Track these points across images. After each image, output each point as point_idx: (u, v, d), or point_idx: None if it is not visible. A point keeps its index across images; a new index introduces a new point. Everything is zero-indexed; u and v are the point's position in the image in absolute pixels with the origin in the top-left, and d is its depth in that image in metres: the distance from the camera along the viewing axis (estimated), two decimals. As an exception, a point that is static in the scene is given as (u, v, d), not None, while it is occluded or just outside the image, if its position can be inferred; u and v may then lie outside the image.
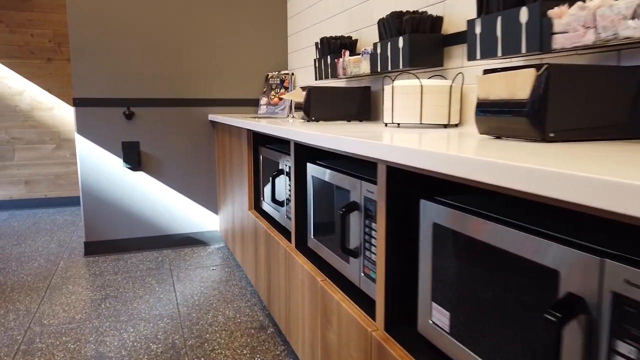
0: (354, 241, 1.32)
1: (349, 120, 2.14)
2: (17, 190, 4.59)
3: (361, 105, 2.12)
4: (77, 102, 3.09)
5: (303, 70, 3.20)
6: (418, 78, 1.52)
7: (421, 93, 1.49)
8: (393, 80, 1.56)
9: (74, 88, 3.08)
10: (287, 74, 2.76)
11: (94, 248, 3.22)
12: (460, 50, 1.63)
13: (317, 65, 2.44)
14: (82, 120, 3.11)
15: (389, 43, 1.73)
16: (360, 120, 2.15)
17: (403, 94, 1.51)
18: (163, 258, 3.19)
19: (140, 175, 3.28)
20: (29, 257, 3.19)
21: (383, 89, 1.65)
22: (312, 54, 3.03)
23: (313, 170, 1.59)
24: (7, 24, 4.41)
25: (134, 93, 3.20)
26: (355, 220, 1.30)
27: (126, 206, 3.26)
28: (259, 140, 2.40)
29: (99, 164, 3.18)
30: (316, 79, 2.48)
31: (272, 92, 3.40)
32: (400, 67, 1.67)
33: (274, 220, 2.22)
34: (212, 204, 3.46)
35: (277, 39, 3.49)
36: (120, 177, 3.23)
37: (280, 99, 3.34)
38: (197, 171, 3.40)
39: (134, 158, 3.23)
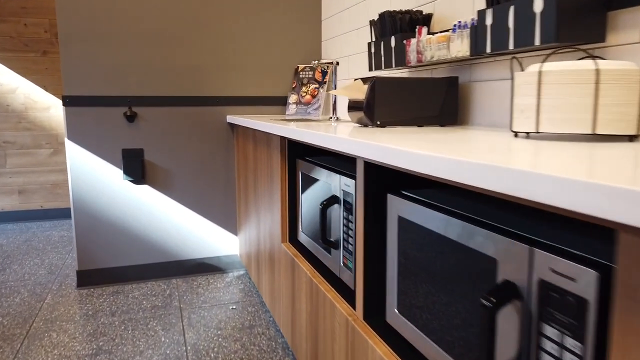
0: (507, 349, 0.71)
1: (419, 125, 1.53)
2: (9, 200, 4.06)
3: (444, 103, 1.51)
4: (67, 101, 2.53)
5: (344, 60, 2.60)
6: (591, 56, 0.90)
7: (596, 83, 0.88)
8: (544, 61, 0.95)
9: (63, 84, 2.52)
10: (330, 63, 2.12)
11: (89, 278, 2.66)
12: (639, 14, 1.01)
13: (373, 50, 1.83)
14: (73, 122, 2.54)
15: (512, 8, 1.12)
16: (442, 125, 1.54)
17: (563, 84, 0.90)
18: (171, 291, 2.61)
19: (145, 189, 2.70)
20: (11, 289, 2.63)
21: (512, 77, 1.04)
22: (357, 40, 2.42)
23: (402, 208, 0.98)
24: (-3, 12, 3.87)
25: (136, 90, 2.63)
26: (512, 315, 0.70)
27: (127, 227, 2.69)
28: (296, 150, 1.81)
29: (94, 176, 2.61)
30: (371, 69, 1.87)
31: (304, 88, 2.80)
32: (537, 42, 1.06)
33: (318, 261, 1.62)
34: (231, 224, 2.88)
35: (308, 24, 2.89)
36: (120, 192, 2.66)
37: (313, 96, 2.74)
38: (213, 183, 2.82)
39: (136, 169, 2.66)
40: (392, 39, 1.68)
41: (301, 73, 2.85)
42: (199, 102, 2.74)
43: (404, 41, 1.61)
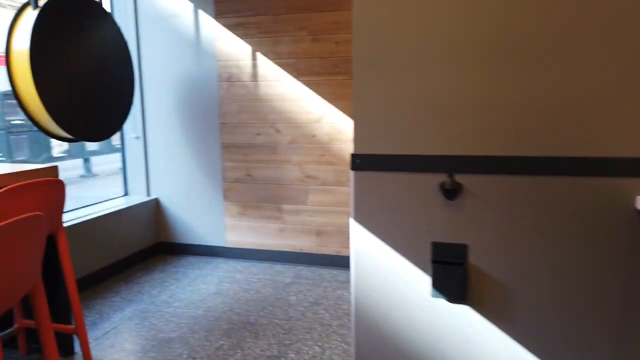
0: None
1: None
2: (307, 241, 3.64)
3: None
4: (357, 163, 1.63)
5: None
6: None
7: None
8: None
9: (354, 139, 1.63)
10: None
11: None
12: None
13: None
14: (363, 194, 1.64)
15: None
16: None
17: None
18: None
19: (464, 313, 1.59)
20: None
21: None
22: None
23: None
24: (310, 31, 3.44)
25: (462, 147, 1.53)
26: None
27: (431, 370, 1.64)
28: None
29: (385, 281, 1.65)
30: None
31: None
32: None
33: None
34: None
35: None
36: (425, 312, 1.63)
37: None
38: (587, 318, 1.49)
39: (453, 278, 1.57)
40: None
41: None
42: (573, 169, 1.44)
43: None
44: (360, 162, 1.62)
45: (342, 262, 3.57)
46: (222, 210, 3.83)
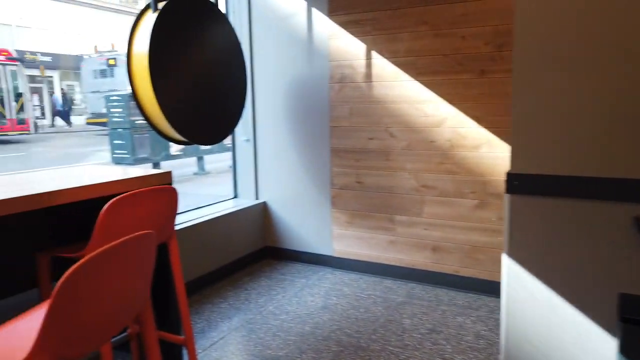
0: None
1: None
2: (421, 257, 3.32)
3: None
4: (514, 185, 1.30)
5: None
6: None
7: None
8: None
9: (512, 154, 1.31)
10: None
11: None
12: None
13: None
14: (522, 224, 1.30)
15: None
16: None
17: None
18: None
19: (662, 390, 1.20)
20: None
21: None
22: None
23: None
24: (432, 25, 3.10)
25: (675, 169, 1.14)
26: None
27: None
28: None
29: (550, 338, 1.30)
30: None
31: None
32: None
33: None
34: None
35: None
36: (602, 381, 1.25)
37: None
38: None
39: (648, 342, 1.18)
40: None
41: None
42: None
43: None
44: (520, 183, 1.29)
45: (461, 284, 3.19)
46: (329, 218, 3.64)
